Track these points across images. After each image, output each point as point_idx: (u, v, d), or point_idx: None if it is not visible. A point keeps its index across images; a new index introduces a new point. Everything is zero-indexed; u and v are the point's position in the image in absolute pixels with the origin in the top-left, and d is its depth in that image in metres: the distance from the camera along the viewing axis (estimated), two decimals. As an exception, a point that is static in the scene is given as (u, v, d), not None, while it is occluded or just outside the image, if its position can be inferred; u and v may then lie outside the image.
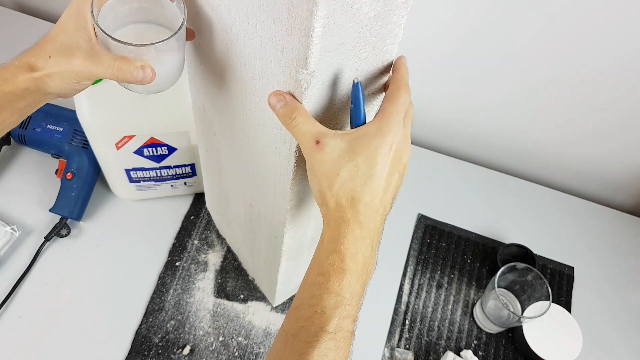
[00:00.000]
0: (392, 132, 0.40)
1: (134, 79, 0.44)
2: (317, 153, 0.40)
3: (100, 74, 0.45)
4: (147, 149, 0.75)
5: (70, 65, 0.45)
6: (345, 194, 0.40)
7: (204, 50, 0.51)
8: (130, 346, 0.73)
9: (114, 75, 0.44)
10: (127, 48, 0.44)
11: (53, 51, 0.45)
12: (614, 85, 0.80)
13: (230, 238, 0.82)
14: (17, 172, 0.87)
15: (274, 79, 0.42)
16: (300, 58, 0.37)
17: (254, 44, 0.42)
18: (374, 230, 0.41)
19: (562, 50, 0.78)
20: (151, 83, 0.46)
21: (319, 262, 0.41)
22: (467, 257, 0.87)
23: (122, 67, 0.44)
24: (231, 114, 0.54)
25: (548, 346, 0.74)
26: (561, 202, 0.96)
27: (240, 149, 0.57)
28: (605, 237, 0.93)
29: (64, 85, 0.46)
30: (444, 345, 0.79)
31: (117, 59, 0.44)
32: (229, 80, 0.50)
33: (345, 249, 0.39)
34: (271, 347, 0.43)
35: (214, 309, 0.78)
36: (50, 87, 0.46)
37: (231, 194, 0.68)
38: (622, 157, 0.92)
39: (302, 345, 0.38)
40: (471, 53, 0.84)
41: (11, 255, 0.79)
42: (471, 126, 0.98)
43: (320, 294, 0.39)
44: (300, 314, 0.39)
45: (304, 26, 0.35)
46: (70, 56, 0.45)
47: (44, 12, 1.12)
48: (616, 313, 0.84)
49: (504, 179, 0.98)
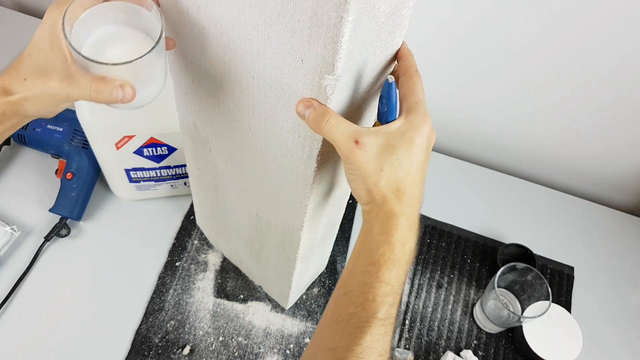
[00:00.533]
0: (424, 123, 0.42)
1: (114, 99, 0.42)
2: (359, 152, 0.41)
3: (78, 96, 0.43)
4: (147, 149, 0.75)
5: (46, 88, 0.43)
6: (390, 188, 0.42)
7: (199, 67, 0.50)
8: (130, 346, 0.73)
9: (92, 98, 0.42)
10: (104, 67, 0.41)
11: (28, 73, 0.43)
12: (613, 85, 0.80)
13: (229, 251, 0.81)
14: (17, 172, 0.87)
15: (290, 89, 0.42)
16: (325, 64, 0.37)
17: (266, 56, 0.41)
18: (416, 219, 0.44)
19: (561, 51, 0.78)
20: (133, 101, 0.44)
21: (369, 252, 0.42)
22: (467, 257, 0.87)
23: (100, 89, 0.42)
24: (233, 128, 0.53)
25: (548, 346, 0.74)
26: (561, 202, 0.97)
27: (244, 161, 0.56)
28: (605, 237, 0.93)
29: (42, 108, 0.45)
30: (444, 345, 0.79)
31: (95, 79, 0.42)
32: (230, 95, 0.49)
33: (395, 240, 0.41)
34: (317, 332, 0.44)
35: (214, 309, 0.78)
36: (28, 110, 0.45)
37: (231, 208, 0.67)
38: (622, 157, 0.92)
39: (354, 330, 0.40)
40: (470, 53, 0.84)
41: (11, 255, 0.79)
42: (471, 126, 0.98)
43: (371, 283, 0.41)
44: (351, 300, 0.41)
45: (330, 33, 0.35)
46: (45, 78, 0.43)
47: (44, 12, 1.12)
48: (616, 313, 0.84)
49: (504, 179, 0.98)
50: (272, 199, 0.57)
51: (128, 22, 0.45)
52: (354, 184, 0.43)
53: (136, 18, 0.45)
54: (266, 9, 0.38)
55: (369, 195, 0.42)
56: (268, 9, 0.37)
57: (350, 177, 0.43)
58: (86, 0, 0.43)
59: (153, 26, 0.44)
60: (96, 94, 0.42)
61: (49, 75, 0.43)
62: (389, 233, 0.41)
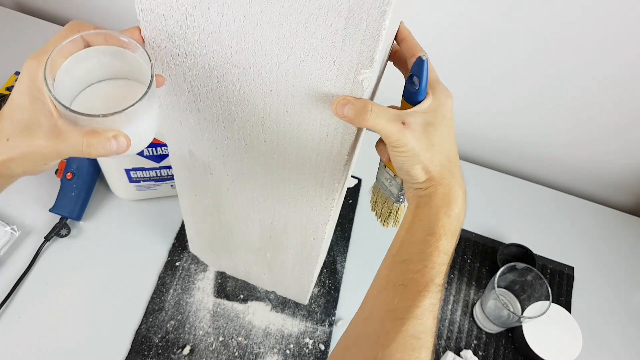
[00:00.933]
0: (449, 97, 0.45)
1: (108, 151, 0.40)
2: (408, 132, 0.42)
3: (68, 153, 0.40)
4: (147, 149, 0.75)
5: (33, 147, 0.39)
6: (444, 162, 0.44)
7: (198, 95, 0.48)
8: (130, 346, 0.73)
9: (85, 153, 0.39)
10: (94, 120, 0.38)
11: (11, 133, 0.40)
12: (613, 87, 0.80)
13: (233, 268, 0.79)
14: (17, 172, 0.87)
15: (318, 92, 0.42)
16: (363, 60, 0.37)
17: (288, 67, 0.40)
18: (465, 188, 0.46)
19: (562, 54, 0.78)
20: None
21: (427, 224, 0.44)
22: (467, 257, 0.87)
23: (92, 142, 0.39)
24: (242, 145, 0.51)
25: (548, 346, 0.74)
26: (561, 202, 0.97)
27: (255, 175, 0.55)
28: (605, 237, 0.93)
29: (30, 167, 0.42)
30: (444, 345, 0.79)
31: (85, 133, 0.39)
32: (241, 114, 0.48)
33: (454, 213, 0.44)
34: (370, 296, 0.45)
35: (214, 309, 0.78)
36: (14, 171, 0.42)
37: (237, 225, 0.66)
38: (622, 157, 0.92)
39: (414, 294, 0.41)
40: (473, 56, 0.84)
41: (11, 255, 0.79)
42: (471, 127, 0.98)
43: (430, 252, 0.43)
44: (410, 267, 0.43)
45: (371, 29, 0.35)
46: (31, 137, 0.39)
47: (44, 12, 1.12)
48: (616, 313, 0.84)
49: (504, 179, 0.98)
50: (290, 203, 0.56)
51: (113, 65, 0.43)
52: (407, 165, 0.44)
53: (121, 60, 0.42)
54: (289, 21, 0.37)
55: (426, 172, 0.44)
56: (292, 20, 0.37)
57: (403, 160, 0.44)
58: (65, 49, 0.40)
59: (140, 66, 0.42)
60: (88, 149, 0.39)
61: (35, 132, 0.39)
62: (449, 206, 0.44)
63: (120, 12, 1.04)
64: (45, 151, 0.40)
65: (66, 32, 0.41)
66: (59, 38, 0.40)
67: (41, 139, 0.39)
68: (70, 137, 0.39)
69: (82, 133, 0.39)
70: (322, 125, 0.45)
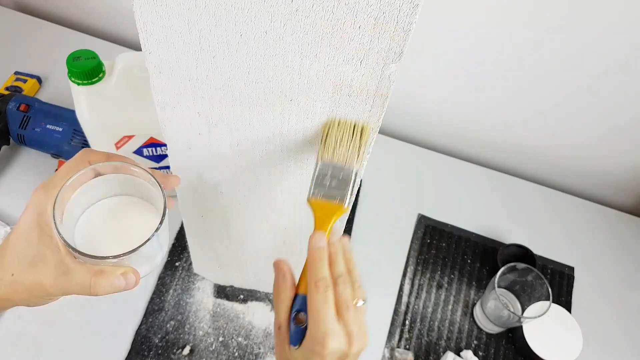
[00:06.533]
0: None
1: (116, 289, 0.38)
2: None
3: (74, 291, 0.39)
4: (147, 149, 0.75)
5: (38, 285, 0.38)
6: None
7: (209, 118, 0.46)
8: (130, 346, 0.73)
9: (93, 293, 0.38)
10: (105, 261, 0.37)
11: (15, 268, 0.38)
12: (613, 87, 0.80)
13: (243, 279, 0.78)
14: (17, 172, 0.87)
15: (345, 90, 0.41)
16: (391, 54, 0.37)
17: (310, 75, 0.39)
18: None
19: (562, 53, 0.78)
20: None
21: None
22: (467, 258, 0.87)
23: (101, 282, 0.38)
24: (257, 157, 0.50)
25: (548, 346, 0.74)
26: (561, 202, 0.96)
27: (270, 185, 0.54)
28: (605, 237, 0.93)
29: (33, 300, 0.40)
30: (444, 345, 0.79)
31: (94, 273, 0.38)
32: (257, 127, 0.46)
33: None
34: None
35: (214, 309, 0.78)
36: (16, 302, 0.41)
37: (250, 236, 0.65)
38: (623, 157, 0.92)
39: None
40: (473, 56, 0.84)
41: (11, 255, 0.79)
42: (471, 126, 0.98)
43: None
44: None
45: (402, 24, 0.35)
46: (36, 273, 0.38)
47: (44, 12, 1.12)
48: (616, 313, 0.84)
49: (504, 179, 0.98)
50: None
51: (119, 187, 0.42)
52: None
53: (129, 184, 0.42)
54: (314, 30, 0.36)
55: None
56: (318, 28, 0.36)
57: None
58: (76, 182, 0.39)
59: (147, 188, 0.42)
60: (97, 289, 0.38)
61: (40, 270, 0.38)
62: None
63: (120, 12, 1.04)
64: (50, 290, 0.38)
65: (76, 163, 0.40)
66: (69, 170, 0.39)
67: (47, 277, 0.38)
68: (77, 276, 0.38)
69: (90, 272, 0.38)
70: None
